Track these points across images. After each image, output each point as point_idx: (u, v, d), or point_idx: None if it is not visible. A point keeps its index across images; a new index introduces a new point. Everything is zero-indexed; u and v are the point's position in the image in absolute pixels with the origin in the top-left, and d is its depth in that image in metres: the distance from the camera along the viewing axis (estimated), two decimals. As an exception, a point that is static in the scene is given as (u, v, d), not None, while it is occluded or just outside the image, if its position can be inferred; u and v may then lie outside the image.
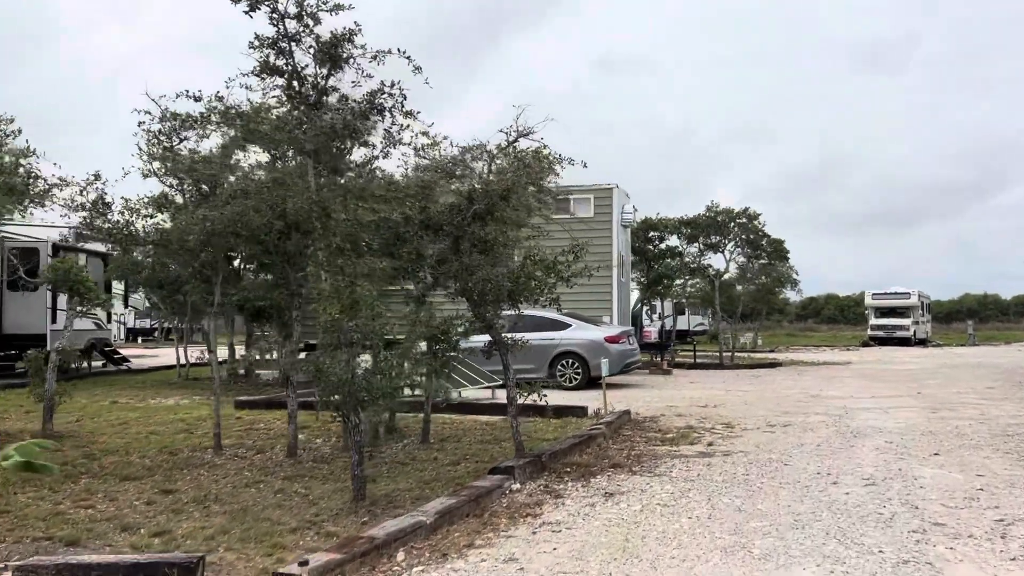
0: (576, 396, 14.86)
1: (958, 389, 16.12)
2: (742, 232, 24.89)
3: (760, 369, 22.84)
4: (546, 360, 16.21)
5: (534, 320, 16.43)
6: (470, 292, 7.63)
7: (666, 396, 14.93)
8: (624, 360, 16.27)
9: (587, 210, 19.28)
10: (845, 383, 17.89)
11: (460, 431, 10.53)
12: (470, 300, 7.91)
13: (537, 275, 7.65)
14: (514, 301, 7.70)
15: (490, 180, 7.59)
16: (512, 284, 7.43)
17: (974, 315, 68.04)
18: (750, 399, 14.38)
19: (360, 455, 6.43)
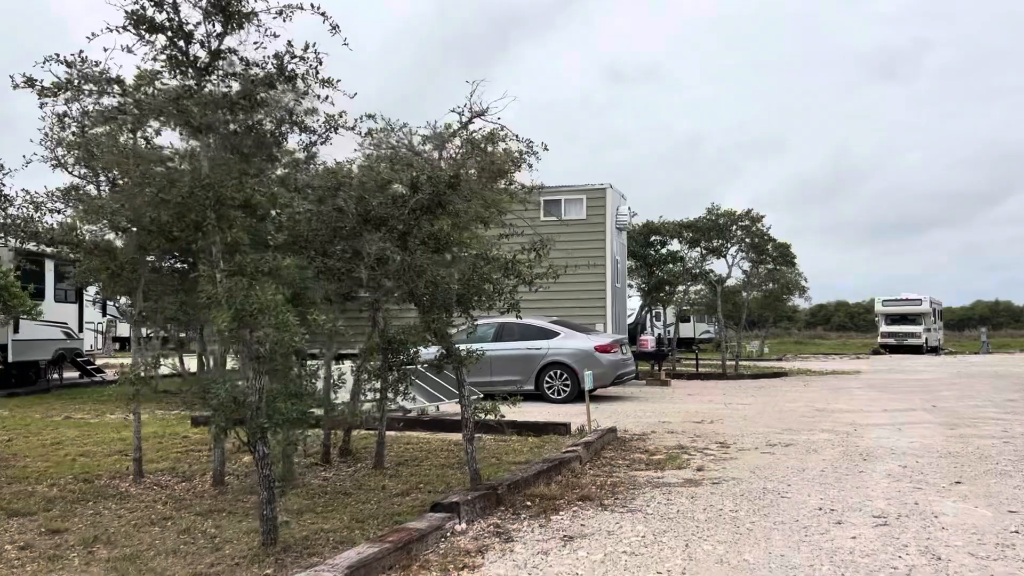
0: (563, 410, 13.80)
1: (976, 402, 14.98)
2: (745, 235, 23.77)
3: (765, 379, 21.70)
4: (532, 371, 15.15)
5: (519, 328, 15.40)
6: (419, 297, 6.58)
7: (660, 410, 13.85)
8: (616, 371, 15.19)
9: (579, 212, 18.24)
10: (854, 395, 16.75)
11: (424, 453, 9.48)
12: (418, 305, 6.87)
13: (493, 277, 6.58)
14: (464, 307, 6.63)
15: (437, 165, 6.55)
16: (461, 287, 6.38)
17: (986, 322, 66.76)
18: (750, 413, 13.28)
19: (270, 492, 5.38)
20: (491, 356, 15.24)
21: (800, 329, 71.41)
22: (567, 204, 18.19)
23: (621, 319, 19.75)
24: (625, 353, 15.74)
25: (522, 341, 15.36)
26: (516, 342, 15.38)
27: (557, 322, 15.69)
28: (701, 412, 13.47)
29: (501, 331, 15.57)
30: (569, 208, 18.20)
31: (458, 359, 6.88)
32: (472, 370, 15.25)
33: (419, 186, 6.44)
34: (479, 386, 15.18)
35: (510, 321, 15.75)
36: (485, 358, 15.46)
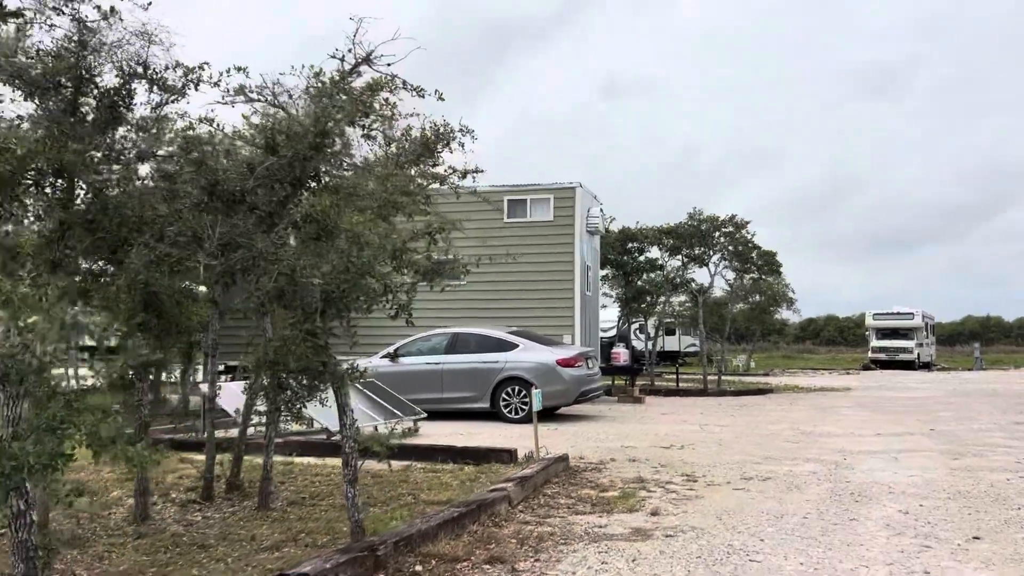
0: (518, 432, 12.26)
1: (978, 425, 13.52)
2: (729, 243, 22.35)
3: (748, 396, 20.21)
4: (488, 387, 13.61)
5: (475, 339, 13.90)
6: (274, 296, 5.04)
7: (627, 432, 12.32)
8: (581, 387, 13.67)
9: (546, 213, 16.76)
10: (844, 415, 15.28)
11: (332, 487, 7.92)
12: (287, 308, 5.34)
13: (377, 269, 5.05)
14: (338, 309, 5.09)
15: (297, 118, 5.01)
16: (329, 281, 4.83)
17: (977, 337, 65.69)
18: (727, 437, 11.78)
19: (28, 565, 3.83)
20: (443, 370, 13.74)
21: (789, 343, 70.21)
22: (533, 205, 16.72)
23: (592, 330, 18.26)
24: (592, 367, 14.22)
25: (477, 353, 13.84)
26: (470, 354, 13.86)
27: (517, 332, 14.18)
28: (672, 435, 11.95)
29: (455, 342, 14.05)
30: (535, 209, 16.72)
31: (337, 377, 5.32)
32: (421, 385, 13.71)
33: (276, 147, 4.91)
34: (429, 403, 13.68)
35: (465, 331, 14.26)
36: (436, 372, 13.96)
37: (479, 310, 16.74)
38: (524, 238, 16.74)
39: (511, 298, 16.70)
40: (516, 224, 16.79)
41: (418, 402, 13.71)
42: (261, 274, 4.73)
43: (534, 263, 16.64)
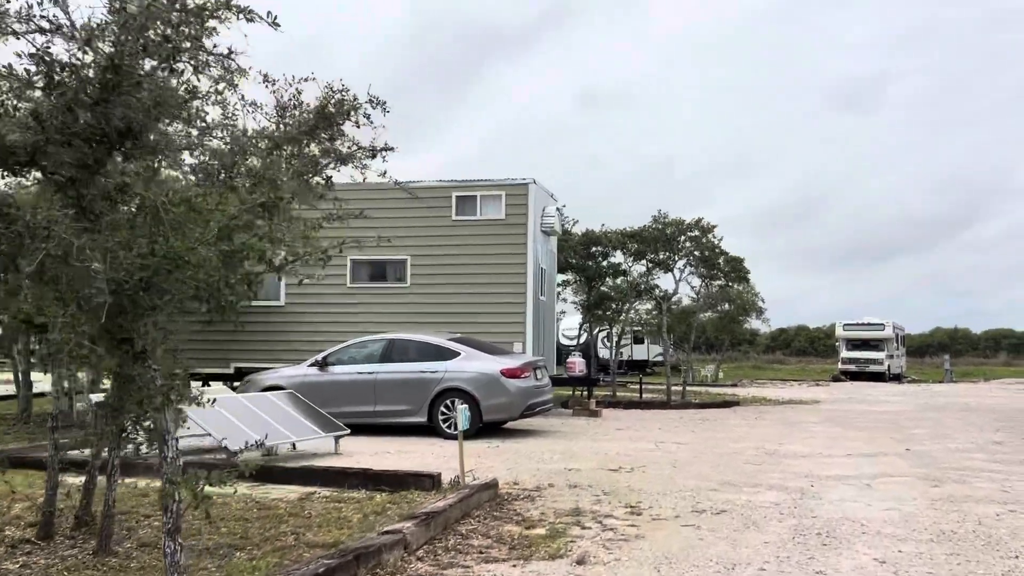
0: (456, 449, 11.03)
1: (955, 444, 12.52)
2: (695, 248, 21.31)
3: (713, 409, 19.14)
4: (425, 399, 12.36)
5: (413, 347, 12.68)
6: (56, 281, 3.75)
7: (574, 451, 11.14)
8: (528, 400, 12.47)
9: (497, 211, 15.57)
10: (812, 432, 14.24)
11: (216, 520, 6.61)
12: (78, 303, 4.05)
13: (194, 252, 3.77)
14: (138, 307, 3.81)
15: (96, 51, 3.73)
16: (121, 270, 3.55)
17: (945, 349, 65.61)
18: (684, 457, 10.64)
19: None
20: (376, 380, 12.50)
21: (760, 353, 69.74)
22: (483, 201, 15.53)
23: (548, 337, 17.09)
24: (540, 378, 13.03)
25: (414, 362, 12.59)
26: (407, 363, 12.61)
27: (460, 340, 12.96)
28: (624, 455, 10.79)
29: (390, 350, 12.79)
30: (486, 206, 15.53)
31: (151, 396, 4.04)
32: (352, 397, 12.43)
33: (60, 87, 3.65)
34: (361, 417, 12.43)
35: (401, 338, 13.02)
36: (369, 383, 12.68)
37: (423, 315, 15.51)
38: (473, 237, 15.55)
39: (458, 302, 15.49)
40: (465, 222, 15.59)
41: (349, 416, 12.46)
42: (26, 254, 3.46)
43: (484, 264, 15.46)
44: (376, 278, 15.97)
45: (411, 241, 15.70)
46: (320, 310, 15.92)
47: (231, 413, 9.88)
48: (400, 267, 15.74)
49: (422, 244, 15.69)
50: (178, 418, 4.18)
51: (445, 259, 15.59)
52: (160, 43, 3.61)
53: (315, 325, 15.62)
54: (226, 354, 15.95)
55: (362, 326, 15.28)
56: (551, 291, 17.34)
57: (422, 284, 15.66)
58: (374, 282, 15.92)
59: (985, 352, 71.85)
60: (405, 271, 15.71)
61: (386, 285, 15.88)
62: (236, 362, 15.75)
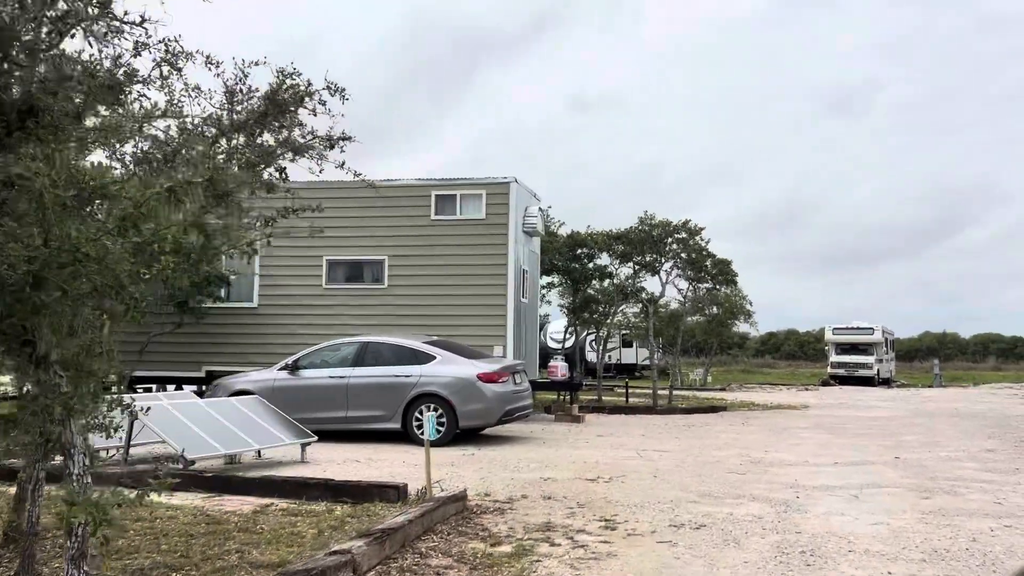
0: (437, 457, 10.59)
1: (946, 452, 12.16)
2: (682, 250, 20.95)
3: (699, 415, 18.75)
4: (399, 404, 11.91)
5: (387, 350, 12.25)
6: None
7: (552, 459, 10.72)
8: (506, 406, 12.04)
9: (478, 210, 15.14)
10: (800, 438, 13.86)
11: (174, 536, 6.18)
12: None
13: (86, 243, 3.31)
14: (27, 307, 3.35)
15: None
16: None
17: (934, 353, 65.55)
18: (666, 466, 10.23)
19: None
20: (348, 385, 12.05)
21: (750, 357, 69.59)
22: (463, 201, 15.10)
23: (530, 341, 16.67)
24: (519, 383, 12.60)
25: (388, 366, 12.15)
26: (381, 367, 12.17)
27: (436, 343, 12.52)
28: (604, 463, 10.38)
29: (364, 353, 12.34)
30: (466, 205, 15.11)
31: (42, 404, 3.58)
32: (323, 403, 11.98)
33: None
34: (333, 423, 11.98)
35: (375, 340, 12.57)
36: (340, 387, 12.22)
37: (401, 317, 15.07)
38: (453, 237, 15.12)
39: (437, 304, 15.06)
40: (444, 222, 15.16)
41: (320, 422, 12.03)
42: None
43: (463, 265, 15.04)
44: (353, 279, 15.52)
45: (389, 241, 15.27)
46: (295, 312, 15.46)
47: (192, 420, 9.42)
48: (378, 268, 15.30)
49: (401, 244, 15.25)
50: (86, 430, 3.73)
51: (424, 260, 15.16)
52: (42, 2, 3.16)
53: (289, 327, 15.16)
54: (197, 357, 15.47)
55: (338, 328, 14.83)
56: (534, 293, 16.93)
57: (400, 285, 15.22)
58: (351, 283, 15.47)
59: (975, 356, 71.89)
60: (383, 272, 15.26)
61: (363, 286, 15.43)
62: (208, 365, 15.26)
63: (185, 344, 15.26)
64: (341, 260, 15.42)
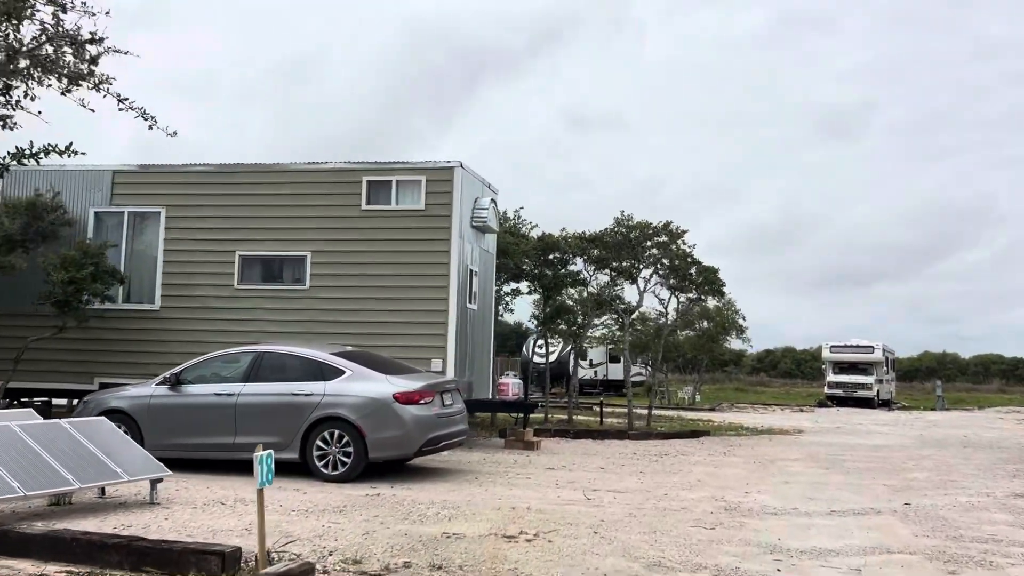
0: (329, 497, 8.41)
1: (966, 495, 9.97)
2: (663, 255, 18.77)
3: (677, 441, 16.54)
4: (296, 430, 9.71)
5: (286, 361, 10.08)
6: None
7: (472, 503, 8.52)
8: (428, 433, 9.83)
9: (416, 199, 12.97)
10: (788, 474, 11.68)
11: None
12: None
13: None
14: None
15: None
16: None
17: (933, 374, 63.52)
18: (615, 514, 8.03)
19: None
20: (238, 404, 9.89)
21: (747, 374, 67.57)
22: (400, 188, 12.94)
23: (481, 354, 14.47)
24: (449, 405, 10.40)
25: (287, 382, 9.96)
26: (277, 383, 9.98)
27: (348, 355, 10.34)
28: (537, 510, 8.17)
29: (258, 365, 10.15)
30: (403, 194, 12.95)
31: None
32: (207, 425, 9.82)
33: None
34: (218, 450, 9.81)
35: (274, 350, 10.41)
36: (228, 407, 9.96)
37: (324, 323, 12.89)
38: (387, 231, 12.96)
39: (366, 308, 12.88)
40: (377, 213, 12.99)
41: (204, 449, 9.88)
42: None
43: (398, 263, 12.87)
44: (270, 279, 13.33)
45: (312, 235, 13.10)
46: (202, 316, 13.27)
47: (-6, 449, 7.22)
48: (298, 266, 13.12)
49: (325, 239, 13.09)
50: None
51: (352, 257, 12.99)
52: None
53: (196, 334, 12.97)
54: (88, 367, 13.28)
55: (252, 336, 12.65)
56: (487, 300, 14.74)
57: (324, 286, 13.04)
58: (267, 283, 13.29)
59: (975, 378, 69.94)
60: (304, 270, 13.08)
61: (281, 287, 13.25)
62: (101, 377, 13.07)
63: (74, 352, 13.08)
64: (257, 256, 13.26)
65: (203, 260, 13.34)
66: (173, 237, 13.51)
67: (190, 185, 13.57)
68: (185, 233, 13.46)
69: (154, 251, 13.53)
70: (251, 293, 13.19)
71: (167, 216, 13.53)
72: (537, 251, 19.48)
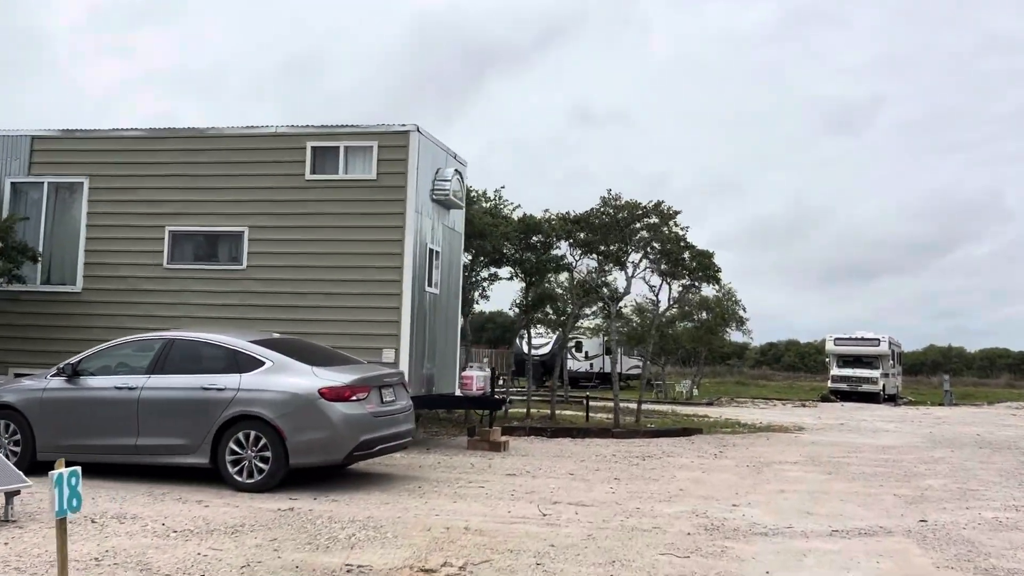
0: (235, 511, 6.99)
1: (992, 508, 8.52)
2: (653, 238, 17.29)
3: (664, 439, 15.08)
4: (206, 430, 8.28)
5: (197, 350, 8.63)
6: None
7: (401, 522, 7.08)
8: (362, 434, 8.39)
9: (366, 168, 11.50)
10: (786, 481, 10.24)
11: None
12: None
13: None
14: None
15: None
16: None
17: (939, 367, 62.19)
18: (571, 537, 6.60)
19: None
20: (141, 399, 8.47)
21: (750, 368, 66.28)
22: (349, 155, 11.49)
23: (444, 344, 13.00)
24: (390, 401, 8.95)
25: (198, 375, 8.53)
26: (187, 376, 8.55)
27: (270, 342, 8.90)
28: (475, 531, 6.75)
29: (167, 354, 8.72)
30: (352, 161, 11.49)
31: None
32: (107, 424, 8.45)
33: None
34: (118, 452, 8.39)
35: (186, 337, 8.97)
36: (130, 403, 8.38)
37: (264, 307, 11.47)
38: (334, 204, 11.50)
39: (310, 291, 11.46)
40: (323, 183, 11.53)
41: (103, 451, 8.52)
42: None
43: (346, 240, 11.43)
44: (203, 257, 11.88)
45: (250, 208, 11.65)
46: (128, 299, 11.84)
47: None
48: (235, 243, 11.66)
49: (265, 212, 11.64)
50: None
51: (295, 232, 11.54)
52: None
53: (120, 319, 11.54)
54: (2, 356, 11.87)
55: (183, 321, 11.26)
56: (452, 282, 13.26)
57: (263, 266, 11.60)
58: (201, 262, 11.84)
59: (981, 372, 68.62)
60: (241, 248, 11.63)
61: (216, 267, 11.80)
62: (15, 366, 11.66)
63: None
64: (188, 232, 11.82)
65: (130, 237, 11.91)
66: (97, 211, 12.07)
67: (117, 153, 12.13)
68: (111, 206, 12.02)
69: (77, 226, 12.10)
70: (182, 274, 11.75)
71: (91, 187, 12.09)
72: (519, 233, 18.02)
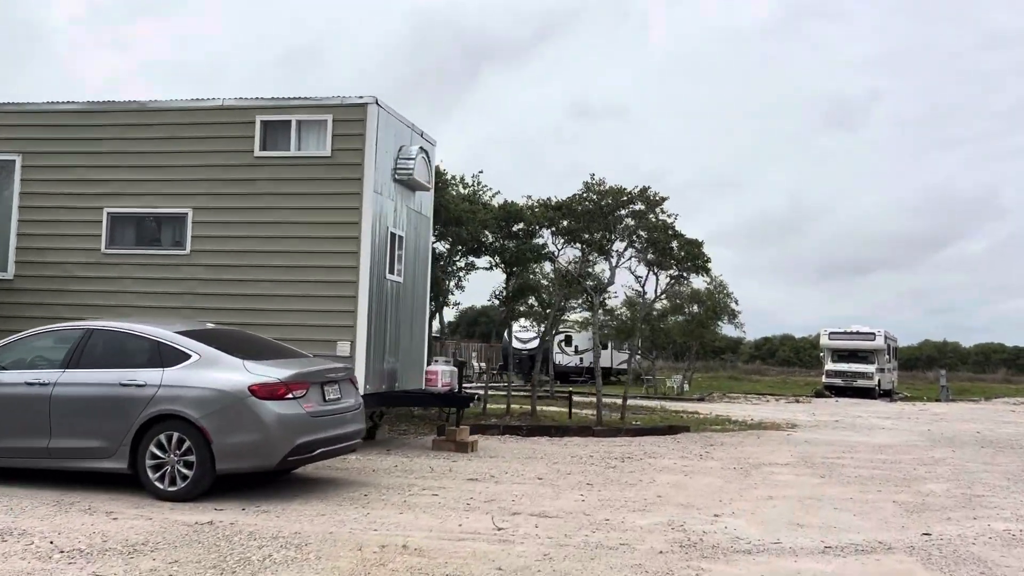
0: (140, 526, 6.09)
1: (1002, 518, 7.67)
2: (639, 226, 16.40)
3: (648, 438, 14.21)
4: (125, 431, 7.37)
5: (117, 341, 7.71)
6: None
7: (332, 539, 6.19)
8: (299, 436, 7.48)
9: (320, 144, 10.56)
10: (774, 485, 9.37)
11: None
12: None
13: None
14: None
15: None
16: None
17: (934, 363, 61.65)
18: (524, 557, 5.71)
19: None
20: (53, 396, 7.55)
21: (744, 362, 65.64)
22: (302, 130, 10.55)
23: (409, 336, 12.08)
24: (334, 399, 8.05)
25: (115, 369, 7.62)
26: (104, 370, 7.64)
27: (199, 333, 7.99)
28: (414, 550, 5.86)
29: (84, 346, 7.80)
30: (306, 137, 10.56)
31: None
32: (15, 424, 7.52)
33: None
34: (30, 456, 7.47)
35: (104, 327, 8.04)
36: (41, 400, 7.29)
37: (209, 296, 10.57)
38: (285, 183, 10.58)
39: (258, 279, 10.54)
40: (273, 160, 10.60)
41: (12, 454, 7.59)
42: None
43: (298, 223, 10.51)
44: (144, 242, 10.96)
45: (195, 187, 10.71)
46: (63, 287, 10.92)
47: None
48: (178, 225, 10.73)
49: (211, 192, 10.71)
50: None
51: (242, 214, 10.61)
52: None
53: (55, 308, 10.61)
54: (-75, 348, 10.92)
55: (121, 310, 10.34)
56: (418, 270, 12.33)
57: (209, 251, 10.68)
58: (141, 247, 10.91)
59: (980, 367, 68.17)
60: (185, 232, 10.70)
61: (158, 252, 10.87)
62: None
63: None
64: (128, 214, 10.89)
65: (66, 220, 10.98)
66: (30, 191, 11.13)
67: (52, 128, 11.18)
68: (45, 186, 11.08)
69: (8, 208, 11.17)
70: (121, 259, 10.82)
71: (23, 165, 11.14)
72: (498, 221, 17.10)
